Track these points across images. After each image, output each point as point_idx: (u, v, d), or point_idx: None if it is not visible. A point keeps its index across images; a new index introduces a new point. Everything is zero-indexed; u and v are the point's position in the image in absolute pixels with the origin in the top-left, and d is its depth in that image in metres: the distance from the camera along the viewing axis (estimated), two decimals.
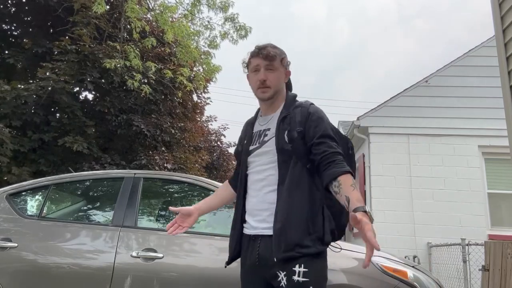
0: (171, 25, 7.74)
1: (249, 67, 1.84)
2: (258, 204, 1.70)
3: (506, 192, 7.71)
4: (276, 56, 1.78)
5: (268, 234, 1.63)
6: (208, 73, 8.66)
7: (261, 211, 1.69)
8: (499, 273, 4.23)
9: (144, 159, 9.37)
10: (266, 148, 1.75)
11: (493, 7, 3.79)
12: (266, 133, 1.79)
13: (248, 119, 2.00)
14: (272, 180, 1.69)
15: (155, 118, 10.06)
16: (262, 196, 1.70)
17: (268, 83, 1.76)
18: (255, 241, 1.67)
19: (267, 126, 1.81)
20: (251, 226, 1.71)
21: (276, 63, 1.78)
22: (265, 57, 1.76)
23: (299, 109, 1.77)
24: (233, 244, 1.78)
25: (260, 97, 1.80)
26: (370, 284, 2.59)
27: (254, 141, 1.82)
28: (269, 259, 1.60)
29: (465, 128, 7.87)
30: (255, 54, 1.80)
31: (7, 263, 2.89)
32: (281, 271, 1.56)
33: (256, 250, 1.65)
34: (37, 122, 8.86)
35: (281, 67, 1.81)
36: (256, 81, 1.78)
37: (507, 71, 3.56)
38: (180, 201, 3.65)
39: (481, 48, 8.22)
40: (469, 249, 6.00)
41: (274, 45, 1.83)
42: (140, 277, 2.76)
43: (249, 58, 1.84)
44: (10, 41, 10.65)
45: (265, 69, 1.76)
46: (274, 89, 1.78)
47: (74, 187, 3.64)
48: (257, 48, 1.80)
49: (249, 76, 1.85)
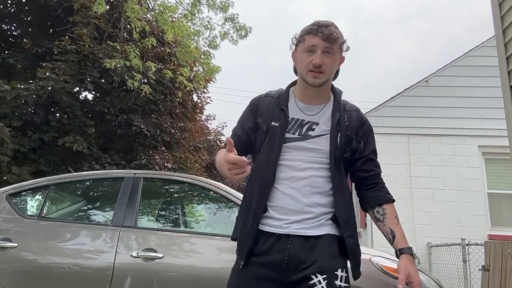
0: (171, 25, 7.75)
1: (302, 45, 1.57)
2: (297, 204, 1.52)
3: (506, 192, 7.71)
4: (338, 39, 1.55)
5: (303, 234, 1.49)
6: (208, 73, 8.66)
7: (299, 212, 1.52)
8: (499, 273, 4.23)
9: (144, 159, 9.38)
10: (312, 145, 1.56)
11: (493, 7, 3.79)
12: (312, 127, 1.58)
13: (268, 92, 1.73)
14: (317, 182, 1.54)
15: (155, 118, 10.07)
16: (305, 197, 1.53)
17: (323, 68, 1.53)
18: (283, 240, 1.49)
19: (314, 119, 1.59)
20: (279, 225, 1.52)
21: (336, 47, 1.55)
22: (326, 38, 1.52)
23: (354, 113, 1.65)
24: (251, 238, 1.51)
25: (311, 82, 1.55)
26: (370, 284, 2.59)
27: (291, 129, 1.58)
28: (304, 261, 1.46)
29: (465, 128, 7.86)
30: (313, 31, 1.54)
31: (7, 263, 2.89)
32: (318, 274, 1.43)
33: (285, 250, 1.47)
34: (37, 122, 8.86)
35: (339, 52, 1.58)
36: (308, 63, 1.54)
37: (507, 71, 3.56)
38: (180, 201, 3.66)
39: (481, 48, 8.21)
40: (469, 249, 6.00)
41: (336, 26, 1.59)
42: (140, 277, 2.76)
43: (304, 35, 1.57)
44: (10, 41, 10.66)
45: (323, 51, 1.53)
46: (327, 76, 1.56)
47: (74, 187, 3.64)
48: (317, 25, 1.55)
49: (299, 55, 1.59)
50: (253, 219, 1.53)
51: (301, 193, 1.53)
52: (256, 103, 1.69)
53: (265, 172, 1.56)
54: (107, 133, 10.10)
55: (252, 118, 1.67)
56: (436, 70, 8.36)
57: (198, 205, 3.69)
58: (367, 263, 2.68)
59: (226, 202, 3.11)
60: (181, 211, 3.64)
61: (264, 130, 1.61)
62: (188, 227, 3.58)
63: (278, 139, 1.57)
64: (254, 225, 1.53)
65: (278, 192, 1.55)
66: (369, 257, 2.73)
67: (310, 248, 1.48)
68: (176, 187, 3.65)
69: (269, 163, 1.56)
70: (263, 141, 1.61)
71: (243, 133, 1.67)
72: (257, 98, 1.71)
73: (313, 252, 1.48)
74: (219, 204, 3.30)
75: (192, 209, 3.75)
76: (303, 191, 1.53)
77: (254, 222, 1.53)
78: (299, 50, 1.60)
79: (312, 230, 1.51)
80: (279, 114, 1.60)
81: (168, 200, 3.73)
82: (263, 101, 1.68)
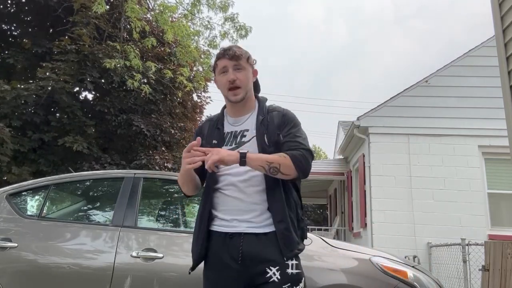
0: (171, 25, 7.75)
1: (217, 69, 1.82)
2: (242, 204, 1.70)
3: (506, 192, 7.72)
4: (242, 55, 1.78)
5: (252, 232, 1.66)
6: (207, 73, 8.67)
7: (246, 211, 1.69)
8: (499, 273, 4.23)
9: (144, 158, 9.38)
10: (245, 149, 1.73)
11: (493, 7, 3.79)
12: (244, 134, 1.79)
13: (210, 117, 2.00)
14: (257, 181, 1.71)
15: (155, 118, 10.07)
16: (249, 196, 1.70)
17: (238, 82, 1.76)
18: (235, 239, 1.66)
19: (243, 127, 1.81)
20: (229, 225, 1.70)
21: (243, 62, 1.78)
22: (231, 57, 1.76)
23: (275, 113, 1.83)
24: (200, 242, 1.73)
25: (233, 99, 1.78)
26: (370, 284, 2.59)
27: (228, 141, 1.79)
28: (257, 257, 1.62)
29: (465, 128, 7.87)
30: (220, 55, 1.79)
31: (7, 263, 2.89)
32: (272, 267, 1.61)
33: (238, 248, 1.65)
34: (37, 122, 8.87)
35: (248, 66, 1.81)
36: (225, 82, 1.77)
37: (507, 71, 3.56)
38: (180, 201, 3.66)
39: (481, 48, 8.22)
40: (469, 249, 6.00)
41: (238, 46, 1.84)
42: (140, 277, 2.76)
43: (216, 61, 1.83)
44: (10, 41, 10.66)
45: (233, 69, 1.76)
46: (244, 89, 1.78)
47: (74, 187, 3.64)
48: (222, 50, 1.81)
49: (217, 79, 1.84)
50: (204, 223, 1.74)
51: (245, 194, 1.70)
52: (200, 128, 1.95)
53: (211, 181, 1.78)
54: (107, 133, 10.10)
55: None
56: (436, 70, 8.37)
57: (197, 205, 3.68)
58: (367, 263, 2.68)
59: None
60: (181, 211, 3.64)
61: None
62: (188, 227, 3.57)
63: None
64: (206, 228, 1.73)
65: (223, 196, 1.74)
66: (369, 257, 2.72)
67: (260, 245, 1.65)
68: (176, 187, 3.64)
69: (209, 174, 1.77)
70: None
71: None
72: (199, 126, 1.98)
73: (263, 248, 1.64)
74: None
75: (192, 209, 3.75)
76: (248, 191, 1.70)
77: (205, 225, 1.73)
78: (216, 75, 1.84)
79: (261, 228, 1.67)
80: (217, 132, 1.84)
81: (168, 200, 3.73)
82: (204, 126, 1.93)
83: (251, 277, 1.63)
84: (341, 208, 12.32)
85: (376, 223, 7.68)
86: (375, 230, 7.68)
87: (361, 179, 8.58)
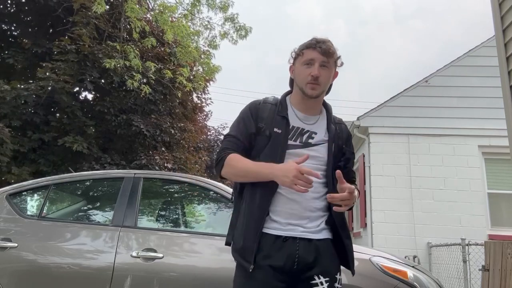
0: (170, 25, 7.75)
1: (301, 58, 1.69)
2: (300, 209, 1.62)
3: (506, 192, 7.71)
4: (334, 54, 1.68)
5: (308, 237, 1.60)
6: (207, 73, 8.66)
7: (303, 217, 1.62)
8: (499, 273, 4.22)
9: (144, 159, 9.37)
10: (312, 152, 1.66)
11: (493, 7, 3.79)
12: (312, 136, 1.69)
13: (266, 99, 1.79)
14: (317, 187, 1.62)
15: (155, 118, 10.06)
16: (307, 202, 1.62)
17: (320, 79, 1.64)
18: (289, 243, 1.57)
19: (312, 128, 1.71)
20: (284, 228, 1.60)
21: (332, 61, 1.68)
22: (323, 52, 1.64)
23: (343, 126, 1.82)
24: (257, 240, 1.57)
25: (309, 93, 1.66)
26: (370, 284, 2.59)
27: (293, 136, 1.67)
28: (311, 263, 1.57)
29: (465, 128, 7.87)
30: (311, 46, 1.66)
31: (7, 263, 2.89)
32: (321, 276, 1.57)
33: (294, 252, 1.56)
34: (37, 122, 8.86)
35: (334, 67, 1.71)
36: (307, 75, 1.65)
37: (507, 71, 3.56)
38: (180, 201, 3.65)
39: (481, 48, 8.22)
40: (469, 249, 6.00)
41: (331, 42, 1.71)
42: (140, 277, 2.76)
43: (303, 49, 1.69)
44: (10, 41, 10.66)
45: (320, 65, 1.65)
46: (323, 88, 1.68)
47: (74, 187, 3.64)
48: (316, 41, 1.67)
49: (298, 68, 1.71)
50: (257, 223, 1.59)
51: (304, 198, 1.61)
52: (256, 108, 1.74)
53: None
54: (107, 133, 10.10)
55: (253, 123, 1.70)
56: (436, 70, 8.36)
57: (198, 205, 3.68)
58: (367, 263, 2.68)
59: (226, 202, 3.11)
60: (181, 211, 3.64)
61: (267, 135, 1.66)
62: (188, 227, 3.57)
63: (281, 145, 1.64)
64: (259, 228, 1.58)
65: (281, 197, 1.62)
66: (369, 257, 2.72)
67: (314, 251, 1.59)
68: (176, 187, 3.64)
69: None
70: (263, 147, 1.66)
71: (245, 138, 1.70)
72: (256, 103, 1.76)
73: (317, 255, 1.59)
74: (219, 204, 3.30)
75: (192, 209, 3.75)
76: (305, 196, 1.60)
77: (259, 225, 1.59)
78: (297, 64, 1.71)
79: (315, 234, 1.62)
80: (281, 121, 1.68)
81: (168, 200, 3.73)
82: (262, 107, 1.73)
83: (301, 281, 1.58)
84: None
85: (376, 223, 7.67)
86: (375, 230, 7.68)
87: (361, 179, 8.57)
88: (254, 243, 1.56)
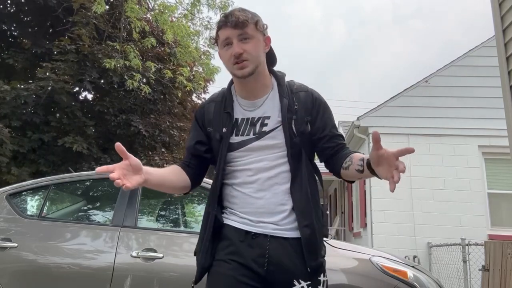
0: (170, 25, 7.75)
1: (219, 42, 1.48)
2: (270, 205, 1.44)
3: (506, 192, 7.71)
4: (247, 21, 1.43)
5: (280, 235, 1.42)
6: (207, 74, 8.66)
7: (272, 213, 1.44)
8: (499, 273, 4.23)
9: (143, 159, 9.37)
10: (270, 141, 1.46)
11: (493, 7, 3.79)
12: (265, 122, 1.48)
13: (212, 96, 1.62)
14: (284, 178, 1.45)
15: (154, 118, 10.06)
16: (275, 196, 1.45)
17: (245, 55, 1.42)
18: (260, 240, 1.41)
19: (262, 112, 1.49)
20: (254, 224, 1.44)
21: (250, 30, 1.44)
22: (235, 25, 1.42)
23: (302, 93, 1.53)
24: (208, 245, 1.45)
25: (239, 74, 1.44)
26: (370, 284, 2.59)
27: (243, 131, 1.48)
28: (286, 265, 1.39)
29: (465, 128, 7.87)
30: (222, 23, 1.45)
31: (7, 263, 2.89)
32: (302, 280, 1.38)
33: (264, 251, 1.39)
34: (37, 122, 8.86)
35: (257, 34, 1.46)
36: (230, 56, 1.43)
37: (507, 71, 3.56)
38: (180, 201, 3.65)
39: (481, 48, 8.22)
40: (469, 249, 6.00)
41: (242, 8, 1.49)
42: (140, 277, 2.76)
43: (217, 31, 1.48)
44: (10, 41, 10.66)
45: (238, 40, 1.42)
46: (253, 63, 1.44)
47: (74, 187, 3.64)
48: (223, 16, 1.46)
49: (221, 53, 1.50)
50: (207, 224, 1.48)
51: (272, 193, 1.45)
52: (201, 112, 1.58)
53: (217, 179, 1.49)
54: (106, 133, 10.10)
55: (201, 130, 1.56)
56: (436, 70, 8.37)
57: (198, 205, 3.68)
58: (367, 263, 2.68)
59: None
60: (181, 211, 3.64)
61: (218, 139, 1.50)
62: (188, 227, 3.58)
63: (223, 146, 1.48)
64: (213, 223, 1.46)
65: (246, 197, 1.46)
66: (369, 257, 2.72)
67: (290, 251, 1.41)
68: None
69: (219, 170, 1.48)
70: (218, 152, 1.50)
71: (195, 149, 1.57)
72: (201, 107, 1.62)
73: (294, 255, 1.40)
74: None
75: (192, 209, 3.75)
76: (273, 190, 1.45)
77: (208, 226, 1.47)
78: (219, 48, 1.51)
79: (290, 231, 1.43)
80: (227, 118, 1.50)
81: (168, 200, 3.73)
82: (207, 109, 1.57)
83: (277, 285, 1.40)
84: (341, 208, 12.32)
85: (376, 223, 7.67)
86: (375, 230, 7.68)
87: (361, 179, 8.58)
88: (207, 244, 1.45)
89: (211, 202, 1.50)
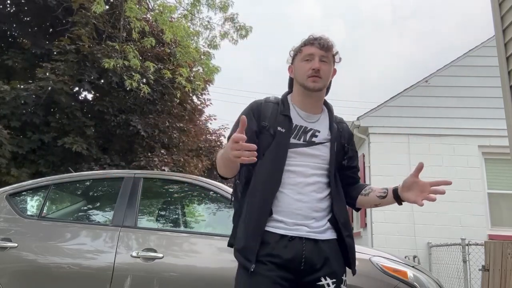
0: (170, 25, 7.73)
1: (299, 55, 1.70)
2: (306, 209, 1.60)
3: (506, 192, 7.71)
4: (332, 48, 1.68)
5: (314, 238, 1.58)
6: (207, 74, 8.65)
7: (306, 217, 1.59)
8: (499, 273, 4.23)
9: (143, 160, 9.36)
10: (316, 151, 1.66)
11: (493, 7, 3.79)
12: (315, 134, 1.68)
13: (268, 98, 1.78)
14: (320, 188, 1.64)
15: (153, 118, 10.04)
16: (311, 202, 1.61)
17: (321, 73, 1.64)
18: (296, 243, 1.55)
19: (315, 126, 1.70)
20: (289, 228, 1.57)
21: (330, 56, 1.69)
22: (321, 47, 1.65)
23: (345, 125, 1.81)
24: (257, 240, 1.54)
25: (311, 86, 1.65)
26: (370, 284, 2.59)
27: (296, 135, 1.66)
28: (317, 264, 1.55)
29: (465, 128, 7.87)
30: (309, 42, 1.68)
31: (7, 263, 2.89)
32: (328, 277, 1.56)
33: (300, 252, 1.54)
34: (37, 123, 8.84)
35: (333, 62, 1.71)
36: (308, 69, 1.64)
37: (507, 71, 3.56)
38: (180, 201, 3.65)
39: (481, 48, 8.22)
40: (469, 249, 6.00)
41: (328, 37, 1.71)
42: (140, 277, 2.76)
43: (301, 46, 1.70)
44: (10, 41, 10.65)
45: (320, 59, 1.65)
46: (324, 82, 1.67)
47: (74, 187, 3.64)
48: (313, 37, 1.69)
49: (297, 65, 1.70)
50: (259, 222, 1.56)
51: (311, 198, 1.62)
52: (258, 107, 1.72)
53: (271, 176, 1.60)
54: (106, 134, 10.09)
55: (255, 122, 1.68)
56: (436, 70, 8.37)
57: (198, 205, 3.68)
58: (367, 263, 2.67)
59: (226, 202, 3.11)
60: (181, 211, 3.64)
61: (271, 134, 1.65)
62: (188, 227, 3.58)
63: (284, 144, 1.63)
64: (262, 227, 1.55)
65: (286, 197, 1.60)
66: (369, 257, 2.72)
67: (321, 252, 1.57)
68: (176, 187, 3.64)
69: (275, 168, 1.61)
70: (268, 145, 1.64)
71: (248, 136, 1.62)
72: (258, 103, 1.75)
73: (324, 256, 1.58)
74: (219, 204, 3.30)
75: (192, 209, 3.75)
76: (311, 196, 1.62)
77: (260, 224, 1.56)
78: (297, 61, 1.71)
79: (321, 234, 1.60)
80: (284, 120, 1.66)
81: (168, 200, 3.73)
82: (265, 106, 1.72)
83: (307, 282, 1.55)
84: None
85: (376, 223, 7.67)
86: (375, 230, 7.68)
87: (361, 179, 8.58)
88: (256, 242, 1.53)
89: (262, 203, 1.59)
